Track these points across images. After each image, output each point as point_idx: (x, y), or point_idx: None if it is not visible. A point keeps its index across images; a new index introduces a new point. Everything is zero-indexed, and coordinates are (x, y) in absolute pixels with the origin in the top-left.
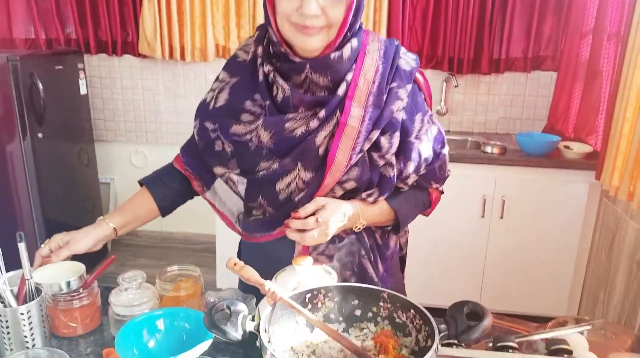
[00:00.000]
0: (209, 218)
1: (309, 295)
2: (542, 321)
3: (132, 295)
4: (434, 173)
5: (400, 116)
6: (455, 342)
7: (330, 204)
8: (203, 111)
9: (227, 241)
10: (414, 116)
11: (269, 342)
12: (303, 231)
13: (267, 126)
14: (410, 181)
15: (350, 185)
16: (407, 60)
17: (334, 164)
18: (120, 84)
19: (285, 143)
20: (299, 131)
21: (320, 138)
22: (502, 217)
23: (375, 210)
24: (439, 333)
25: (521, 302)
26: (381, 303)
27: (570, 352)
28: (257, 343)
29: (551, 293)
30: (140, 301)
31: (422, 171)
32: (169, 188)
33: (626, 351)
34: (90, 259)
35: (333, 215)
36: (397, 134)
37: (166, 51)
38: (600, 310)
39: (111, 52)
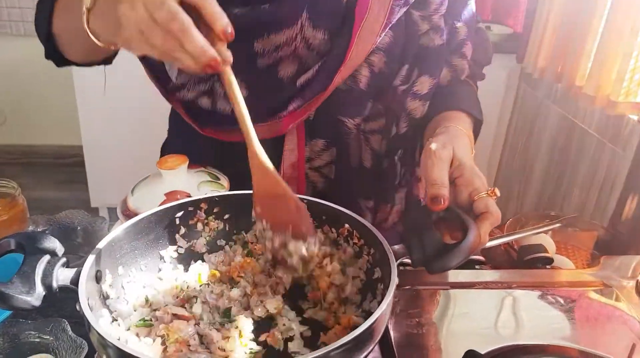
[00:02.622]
0: (75, 124)
1: (180, 213)
2: None
3: None
4: (483, 51)
5: None
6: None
7: (463, 152)
8: None
9: (98, 149)
10: None
11: (107, 298)
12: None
13: None
14: (468, 52)
15: (377, 60)
16: None
17: (366, 19)
18: None
19: None
20: None
21: None
22: None
23: (468, 128)
24: (396, 260)
25: None
26: None
27: (550, 261)
28: (77, 307)
29: None
30: None
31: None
32: None
33: (593, 250)
34: None
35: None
36: None
37: None
38: (514, 204)
39: None
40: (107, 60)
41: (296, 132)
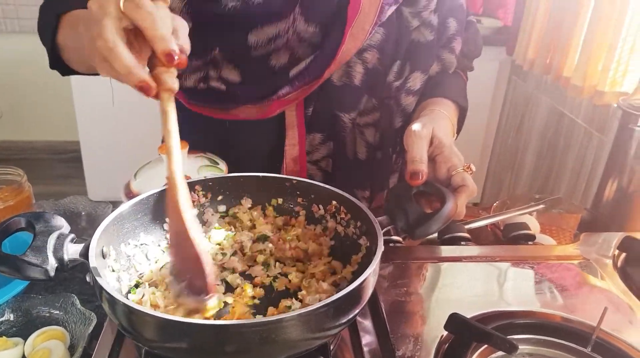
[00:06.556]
0: (72, 120)
1: None
2: None
3: None
4: (473, 44)
5: None
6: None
7: (443, 132)
8: None
9: (95, 144)
10: None
11: (113, 271)
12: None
13: None
14: (457, 47)
15: (371, 57)
16: None
17: (358, 17)
18: None
19: None
20: None
21: None
22: None
23: (452, 113)
24: (382, 228)
25: None
26: (288, 197)
27: (532, 237)
28: (88, 278)
29: None
30: None
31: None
32: None
33: (576, 230)
34: None
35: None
36: None
37: None
38: (505, 193)
39: None
40: None
41: (297, 128)
